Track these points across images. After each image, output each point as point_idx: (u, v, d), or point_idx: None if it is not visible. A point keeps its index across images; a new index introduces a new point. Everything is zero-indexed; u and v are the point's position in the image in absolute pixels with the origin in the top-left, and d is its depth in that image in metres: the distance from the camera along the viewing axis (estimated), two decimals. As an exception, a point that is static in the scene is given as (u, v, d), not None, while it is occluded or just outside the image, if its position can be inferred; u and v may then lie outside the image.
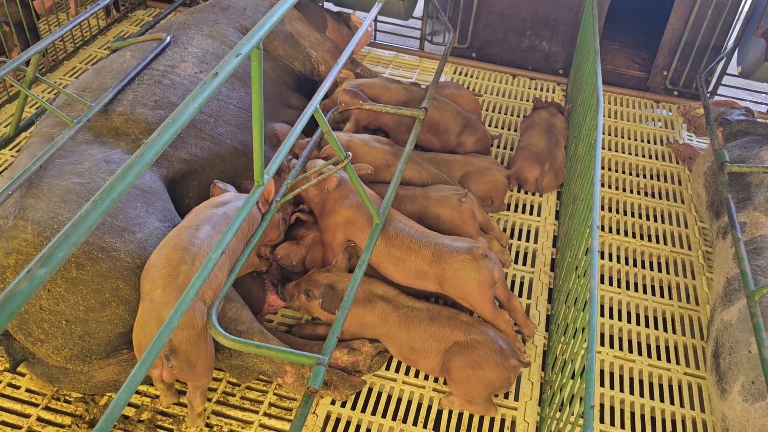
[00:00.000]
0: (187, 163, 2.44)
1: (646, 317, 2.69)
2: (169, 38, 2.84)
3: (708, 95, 3.49)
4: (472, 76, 4.13)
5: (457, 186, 2.80)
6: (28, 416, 2.15)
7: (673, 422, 2.33)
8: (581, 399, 1.65)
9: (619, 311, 2.70)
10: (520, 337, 2.46)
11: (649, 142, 3.69)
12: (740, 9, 3.70)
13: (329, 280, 2.30)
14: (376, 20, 4.21)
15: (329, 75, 2.16)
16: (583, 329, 1.92)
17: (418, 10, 4.35)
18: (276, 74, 3.17)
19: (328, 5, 4.23)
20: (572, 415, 1.85)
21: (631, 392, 2.40)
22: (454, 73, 4.15)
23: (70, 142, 2.28)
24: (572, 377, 1.94)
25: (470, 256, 2.26)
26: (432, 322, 2.25)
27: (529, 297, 2.70)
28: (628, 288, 2.81)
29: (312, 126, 2.68)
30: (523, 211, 3.12)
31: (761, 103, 4.18)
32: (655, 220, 3.16)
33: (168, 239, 2.00)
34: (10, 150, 3.19)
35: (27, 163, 2.22)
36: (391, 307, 2.28)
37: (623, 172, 3.45)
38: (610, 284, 2.82)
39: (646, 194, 3.32)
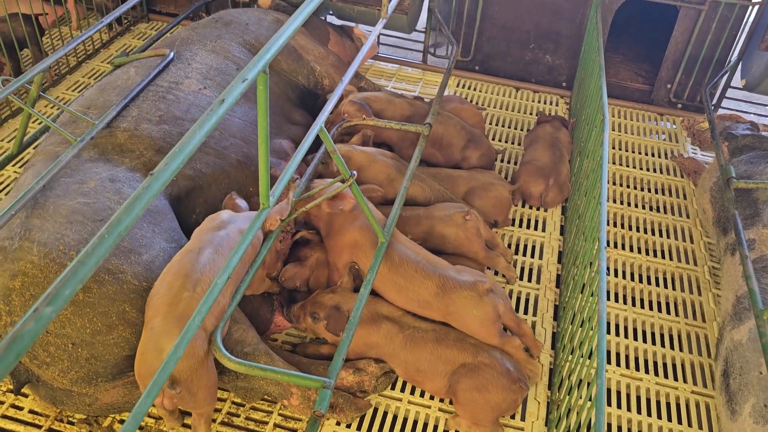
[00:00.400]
0: (192, 179, 2.43)
1: (653, 334, 2.67)
2: (172, 54, 2.83)
3: (712, 108, 3.48)
4: (475, 89, 4.13)
5: (461, 203, 2.78)
6: (31, 438, 2.14)
7: (682, 442, 2.31)
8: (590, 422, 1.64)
9: (626, 328, 2.68)
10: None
11: (653, 155, 3.68)
12: (744, 22, 3.70)
13: (334, 302, 2.28)
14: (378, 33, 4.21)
15: (334, 94, 2.15)
16: (591, 354, 1.91)
17: (421, 23, 4.34)
18: (279, 89, 3.17)
19: (330, 18, 4.23)
20: (581, 438, 1.83)
21: (639, 411, 2.38)
22: (458, 86, 4.14)
23: (74, 160, 2.27)
24: (581, 398, 1.93)
25: (474, 293, 2.25)
26: (438, 343, 2.23)
27: (534, 314, 2.68)
28: (634, 304, 2.79)
29: (316, 142, 2.67)
30: (528, 227, 3.11)
31: (766, 116, 4.17)
32: (661, 235, 3.14)
33: (171, 265, 1.98)
34: (13, 166, 3.18)
35: (31, 182, 2.21)
36: (396, 328, 2.26)
37: (628, 186, 3.44)
38: (616, 301, 2.80)
39: (651, 209, 3.30)
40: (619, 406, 2.39)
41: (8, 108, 3.55)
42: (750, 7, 3.64)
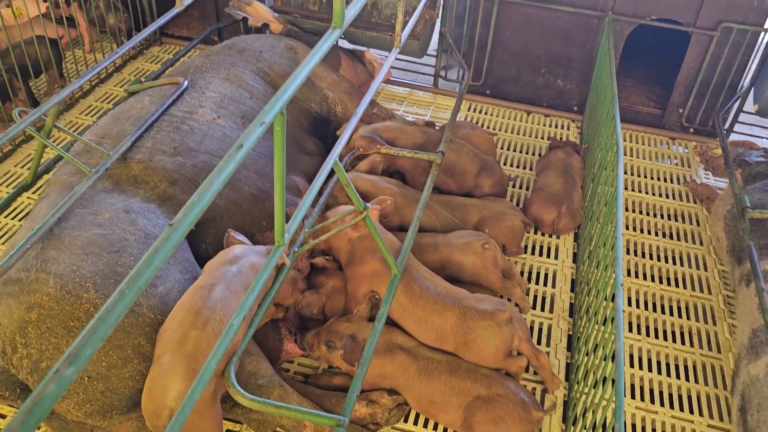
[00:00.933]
0: (205, 211, 2.42)
1: (668, 365, 2.64)
2: (186, 83, 2.85)
3: (725, 134, 3.46)
4: (486, 113, 4.13)
5: (478, 231, 2.77)
6: (43, 471, 2.13)
7: (699, 478, 2.28)
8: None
9: (640, 359, 2.66)
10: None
11: (665, 180, 3.66)
12: (757, 48, 3.69)
13: (350, 331, 2.28)
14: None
15: (348, 127, 2.15)
16: (604, 383, 1.89)
17: (432, 46, 4.36)
18: (293, 117, 3.18)
19: (341, 42, 4.26)
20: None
21: (655, 446, 2.35)
22: (469, 109, 4.15)
23: (89, 191, 2.28)
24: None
25: (493, 323, 2.24)
26: (452, 374, 2.22)
27: (547, 344, 2.66)
28: (648, 334, 2.77)
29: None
30: (540, 254, 3.09)
31: (778, 140, 4.16)
32: (674, 263, 3.12)
33: (182, 301, 1.98)
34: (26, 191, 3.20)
35: (46, 213, 2.22)
36: (411, 358, 2.25)
37: (640, 212, 3.42)
38: (630, 330, 2.78)
39: (664, 235, 3.28)
40: (634, 441, 2.37)
41: (22, 133, 3.58)
42: (762, 33, 3.63)
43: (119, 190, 2.32)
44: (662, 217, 3.40)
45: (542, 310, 2.82)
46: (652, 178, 3.67)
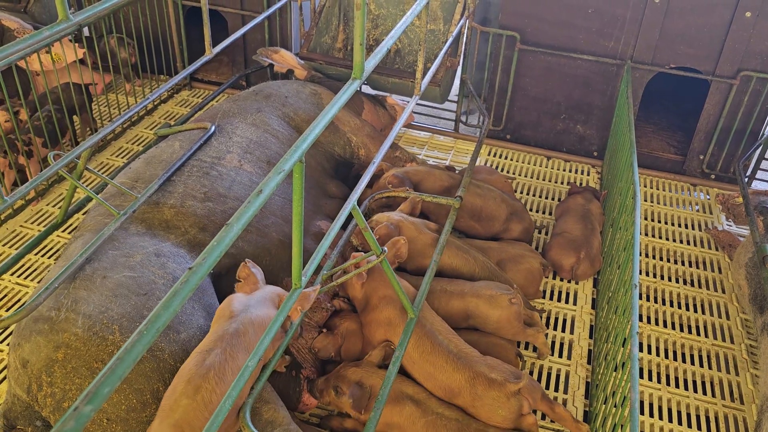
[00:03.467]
0: (234, 257, 2.47)
1: (688, 415, 2.60)
2: (213, 128, 2.94)
3: (746, 181, 3.46)
4: (506, 158, 4.18)
5: (506, 284, 2.77)
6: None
7: None
8: None
9: (660, 408, 2.62)
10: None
11: (686, 227, 3.65)
12: (777, 96, 3.70)
13: (358, 376, 2.28)
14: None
15: (367, 172, 2.21)
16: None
17: (453, 91, 4.45)
18: (316, 161, 3.25)
19: (365, 88, 4.36)
20: None
21: (675, 499, 2.31)
22: (489, 154, 4.20)
23: (122, 233, 2.35)
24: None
25: (502, 394, 2.23)
26: None
27: (565, 392, 2.64)
28: (668, 384, 2.73)
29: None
30: (559, 299, 3.09)
31: (802, 187, 4.12)
32: (695, 311, 3.09)
33: (184, 365, 1.93)
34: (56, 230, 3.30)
35: (78, 253, 2.28)
36: (419, 412, 2.24)
37: (661, 259, 3.40)
38: (650, 379, 2.75)
39: (684, 282, 3.26)
40: (653, 493, 2.32)
41: (55, 174, 3.70)
42: (782, 81, 3.65)
43: (151, 234, 2.39)
44: (683, 263, 3.38)
45: (560, 356, 2.80)
46: (672, 224, 3.66)
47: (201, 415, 1.79)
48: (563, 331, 2.92)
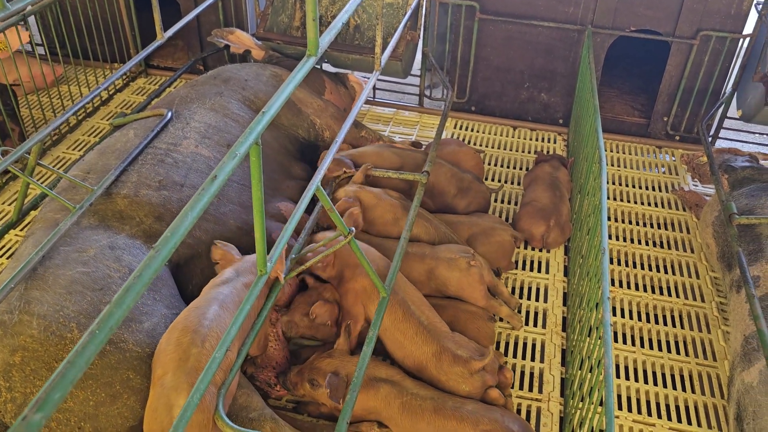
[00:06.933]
0: (191, 247, 2.41)
1: (663, 375, 2.63)
2: (170, 114, 2.85)
3: (710, 140, 3.48)
4: (472, 130, 4.15)
5: (466, 247, 2.76)
6: None
7: (699, 490, 2.25)
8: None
9: (635, 370, 2.64)
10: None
11: (653, 189, 3.67)
12: (736, 54, 3.72)
13: (333, 367, 2.24)
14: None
15: (329, 152, 2.15)
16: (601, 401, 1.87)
17: (416, 66, 4.39)
18: (279, 144, 3.18)
19: (325, 66, 4.28)
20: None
21: (653, 459, 2.33)
22: (455, 127, 4.17)
23: (74, 228, 2.27)
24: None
25: (466, 370, 2.24)
26: (436, 414, 2.15)
27: (542, 360, 2.65)
28: (642, 345, 2.75)
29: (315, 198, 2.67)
30: (531, 269, 3.09)
31: (765, 145, 4.16)
32: (665, 272, 3.11)
33: (177, 322, 1.99)
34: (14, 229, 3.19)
35: (31, 251, 2.20)
36: (395, 392, 2.21)
37: (629, 222, 3.42)
38: (624, 342, 2.77)
39: (654, 244, 3.28)
40: (632, 454, 2.34)
41: (8, 171, 3.57)
42: (741, 40, 3.66)
43: (105, 226, 2.31)
44: (652, 226, 3.40)
45: (535, 325, 2.81)
46: (639, 188, 3.68)
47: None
48: (537, 300, 2.92)
